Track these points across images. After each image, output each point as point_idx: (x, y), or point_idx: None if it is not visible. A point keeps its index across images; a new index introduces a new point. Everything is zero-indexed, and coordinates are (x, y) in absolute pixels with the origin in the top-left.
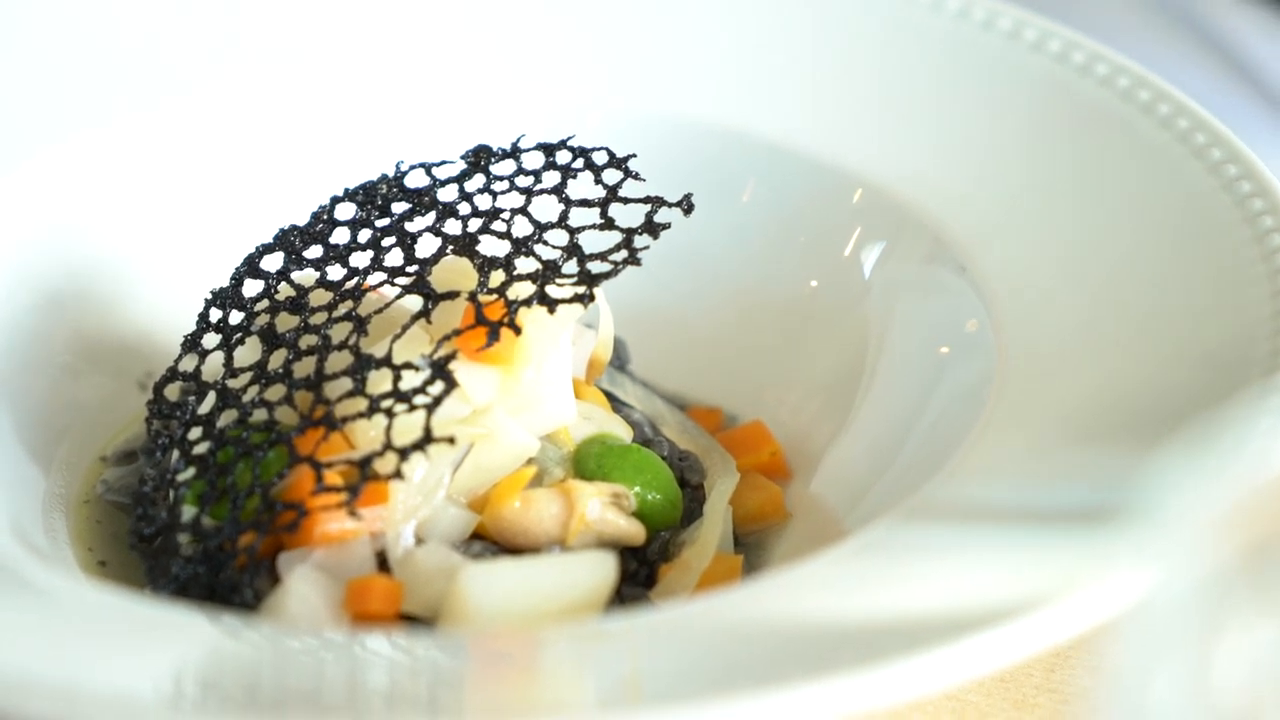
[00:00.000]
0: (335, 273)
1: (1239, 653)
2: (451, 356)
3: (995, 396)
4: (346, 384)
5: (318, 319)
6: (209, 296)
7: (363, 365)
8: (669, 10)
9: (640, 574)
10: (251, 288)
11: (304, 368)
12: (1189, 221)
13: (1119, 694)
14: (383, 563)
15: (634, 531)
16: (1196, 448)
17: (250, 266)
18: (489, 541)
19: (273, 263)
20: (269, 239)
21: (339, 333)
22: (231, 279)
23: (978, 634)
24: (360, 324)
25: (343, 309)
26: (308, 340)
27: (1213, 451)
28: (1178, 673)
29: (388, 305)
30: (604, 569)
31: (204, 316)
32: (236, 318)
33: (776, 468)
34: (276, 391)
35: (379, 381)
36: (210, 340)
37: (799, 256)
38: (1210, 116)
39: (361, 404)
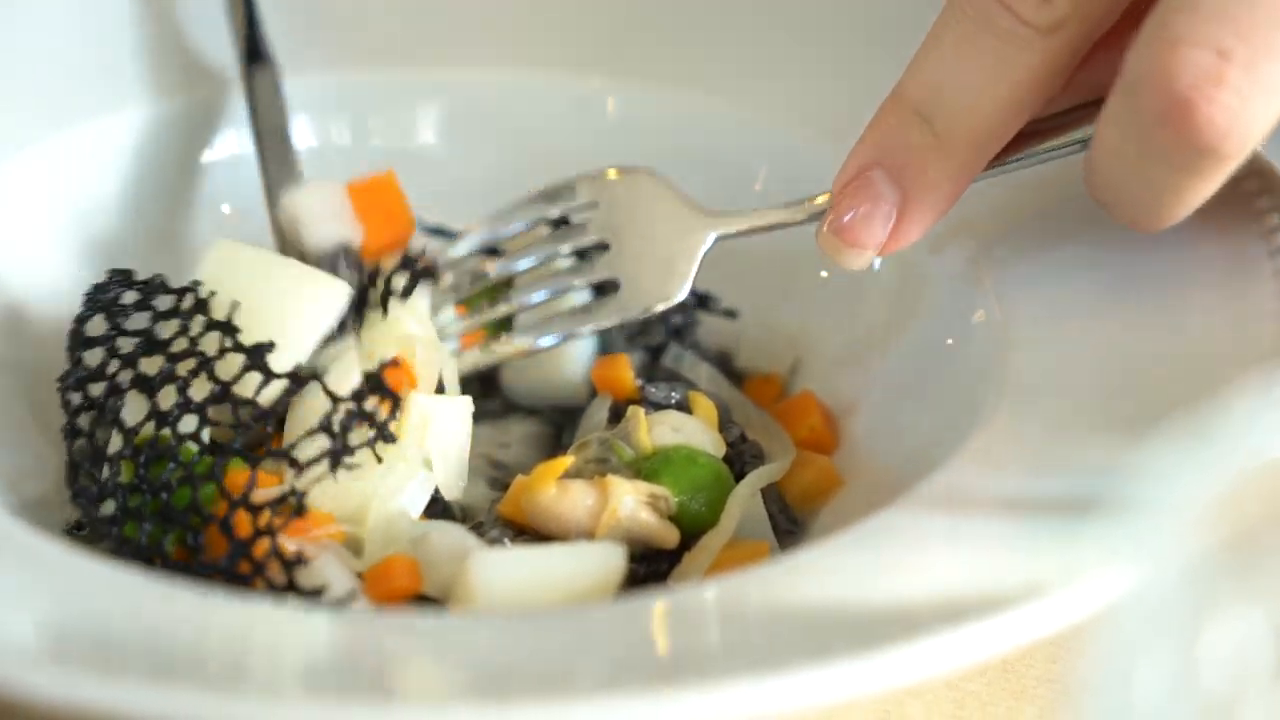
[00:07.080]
0: None
1: (1223, 640)
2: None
3: (1000, 388)
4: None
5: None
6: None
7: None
8: None
9: (668, 574)
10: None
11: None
12: (1197, 219)
13: (1104, 682)
14: None
15: (665, 534)
16: (1193, 437)
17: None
18: (513, 526)
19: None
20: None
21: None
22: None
23: (975, 622)
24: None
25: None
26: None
27: (1209, 440)
28: (1162, 660)
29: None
30: (612, 560)
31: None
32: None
33: (819, 442)
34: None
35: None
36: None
37: (809, 246)
38: None
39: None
